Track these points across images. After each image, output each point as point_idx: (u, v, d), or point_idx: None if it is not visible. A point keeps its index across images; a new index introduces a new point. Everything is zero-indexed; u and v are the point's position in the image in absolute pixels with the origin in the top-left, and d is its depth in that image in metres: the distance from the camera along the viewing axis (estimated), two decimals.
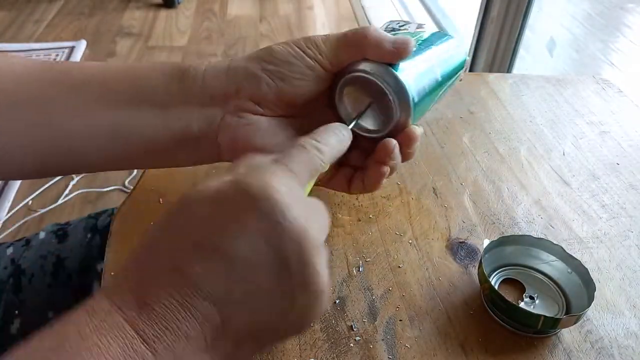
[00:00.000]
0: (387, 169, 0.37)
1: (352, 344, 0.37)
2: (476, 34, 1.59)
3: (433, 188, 0.53)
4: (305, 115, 0.39)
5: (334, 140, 0.33)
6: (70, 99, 0.37)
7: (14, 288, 0.50)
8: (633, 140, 0.61)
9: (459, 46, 0.44)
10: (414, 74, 0.38)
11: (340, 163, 0.39)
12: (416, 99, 0.37)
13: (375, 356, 0.37)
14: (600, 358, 0.37)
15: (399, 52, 0.36)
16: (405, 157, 0.38)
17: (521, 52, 1.55)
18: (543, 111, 0.66)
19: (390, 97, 0.36)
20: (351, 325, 0.39)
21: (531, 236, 0.43)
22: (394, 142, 0.36)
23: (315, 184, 0.35)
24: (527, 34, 1.52)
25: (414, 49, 0.37)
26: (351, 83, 0.37)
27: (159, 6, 2.68)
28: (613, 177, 0.55)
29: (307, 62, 0.36)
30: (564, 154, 0.59)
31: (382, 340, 0.38)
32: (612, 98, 0.70)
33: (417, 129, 0.38)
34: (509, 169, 0.56)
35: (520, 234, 0.47)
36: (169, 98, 0.37)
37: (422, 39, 0.42)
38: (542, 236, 0.47)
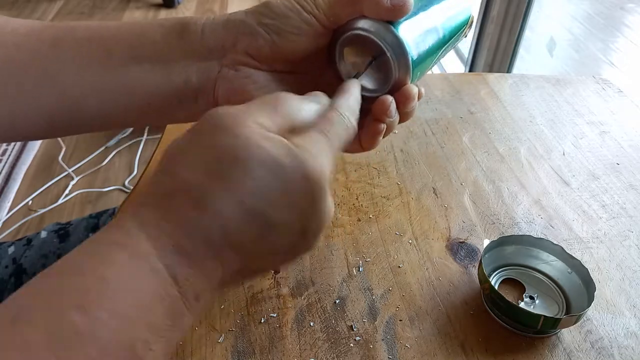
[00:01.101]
0: (383, 127, 0.37)
1: (352, 344, 0.37)
2: (476, 34, 1.59)
3: (433, 188, 0.53)
4: (303, 71, 0.40)
5: (354, 102, 0.34)
6: (73, 58, 0.38)
7: (15, 287, 0.50)
8: (633, 140, 0.62)
9: (464, 1, 0.44)
10: (414, 31, 0.38)
11: None
12: (415, 58, 0.37)
13: (375, 356, 0.37)
14: (601, 358, 0.37)
15: (396, 10, 0.36)
16: (403, 117, 0.38)
17: (521, 52, 1.55)
18: (543, 111, 0.66)
19: (389, 56, 0.36)
20: (351, 325, 0.39)
21: (531, 236, 0.43)
22: (390, 99, 0.37)
23: None
24: (527, 34, 1.52)
25: (412, 6, 0.37)
26: (350, 41, 0.38)
27: (158, 6, 2.68)
28: (613, 177, 0.55)
29: (304, 17, 0.37)
30: (564, 154, 0.59)
31: (382, 340, 0.38)
32: (612, 98, 0.70)
33: (414, 88, 0.38)
34: (509, 169, 0.56)
35: (520, 234, 0.47)
36: (170, 52, 0.38)
37: None
38: (542, 236, 0.47)
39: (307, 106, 0.33)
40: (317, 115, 0.33)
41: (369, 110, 0.38)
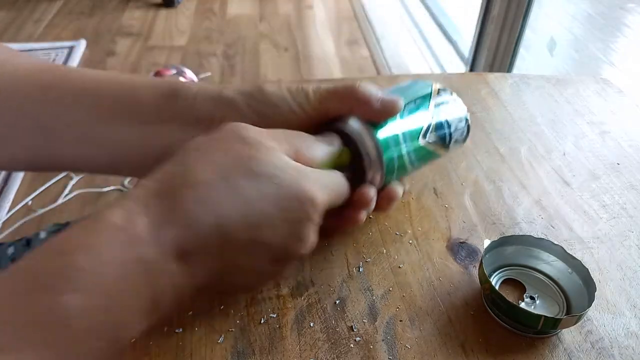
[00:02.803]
0: (363, 216, 0.39)
1: (352, 345, 0.37)
2: (476, 34, 1.59)
3: (433, 188, 0.53)
4: None
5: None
6: (64, 107, 0.38)
7: None
8: (633, 140, 0.61)
9: (461, 111, 0.45)
10: (396, 137, 0.39)
11: None
12: (391, 165, 0.39)
13: (376, 357, 0.37)
14: (601, 358, 0.37)
15: (385, 112, 0.38)
16: (379, 208, 0.41)
17: (521, 51, 1.55)
18: (543, 111, 0.66)
19: (365, 162, 0.38)
20: (351, 326, 0.39)
21: (532, 236, 0.43)
22: (372, 192, 0.39)
23: None
24: (528, 34, 1.52)
25: (402, 108, 0.39)
26: (334, 132, 0.39)
27: (158, 6, 2.68)
28: (613, 177, 0.55)
29: (293, 108, 0.38)
30: (564, 154, 0.59)
31: (383, 340, 0.38)
32: (612, 98, 0.70)
33: (397, 190, 0.41)
34: (509, 169, 0.56)
35: (520, 234, 0.47)
36: (158, 115, 0.38)
37: (421, 96, 0.42)
38: (542, 236, 0.47)
39: (321, 146, 0.36)
40: (324, 154, 0.36)
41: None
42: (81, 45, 2.19)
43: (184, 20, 2.55)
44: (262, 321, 0.39)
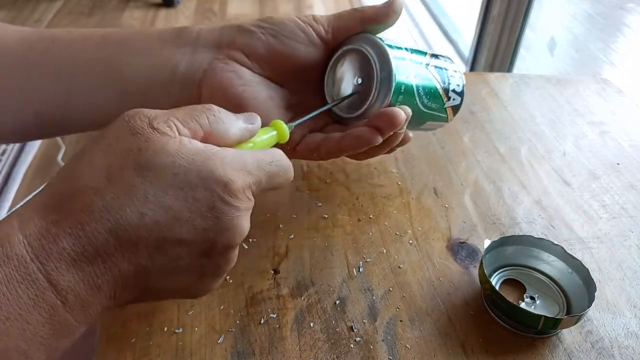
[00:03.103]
0: (378, 138, 0.38)
1: (352, 345, 0.37)
2: (477, 34, 1.59)
3: (433, 188, 0.53)
4: (291, 88, 0.41)
5: (276, 166, 0.32)
6: (68, 51, 0.39)
7: None
8: (633, 140, 0.61)
9: (455, 69, 0.45)
10: (407, 65, 0.40)
11: (312, 129, 0.41)
12: (400, 82, 0.39)
13: (376, 357, 0.37)
14: (601, 358, 0.37)
15: (389, 7, 0.39)
16: (378, 130, 0.38)
17: (522, 51, 1.55)
18: (543, 111, 0.66)
19: (374, 67, 0.38)
20: (351, 326, 0.39)
21: (532, 236, 0.43)
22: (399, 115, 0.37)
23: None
24: (528, 34, 1.52)
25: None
26: (343, 58, 0.40)
27: (158, 6, 2.68)
28: (613, 177, 0.55)
29: (301, 26, 0.39)
30: (564, 154, 0.59)
31: (383, 340, 0.38)
32: (612, 98, 0.70)
33: (399, 112, 0.38)
34: (509, 169, 0.56)
35: (520, 234, 0.47)
36: (162, 44, 0.39)
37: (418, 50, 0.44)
38: (542, 236, 0.47)
39: (235, 122, 0.31)
40: (242, 133, 0.31)
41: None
42: None
43: (184, 20, 2.55)
44: (262, 321, 0.39)
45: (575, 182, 0.54)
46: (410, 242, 0.46)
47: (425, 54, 0.43)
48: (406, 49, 0.41)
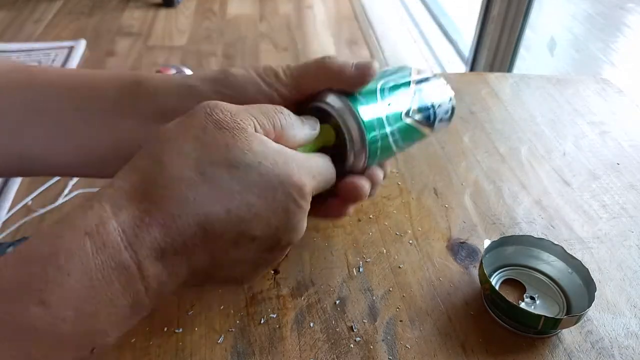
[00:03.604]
0: (351, 209, 0.38)
1: (352, 345, 0.37)
2: (477, 34, 1.59)
3: (433, 188, 0.53)
4: None
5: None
6: (29, 105, 0.36)
7: None
8: (633, 140, 0.61)
9: (444, 91, 0.43)
10: (379, 118, 0.36)
11: None
12: (374, 144, 0.36)
13: (376, 357, 0.37)
14: (601, 358, 0.37)
15: (361, 76, 0.35)
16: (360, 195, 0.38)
17: (522, 51, 1.55)
18: (544, 111, 0.66)
19: (347, 137, 0.35)
20: (351, 326, 0.39)
21: (532, 236, 0.43)
22: (362, 181, 0.37)
23: None
24: (528, 34, 1.52)
25: (377, 74, 0.37)
26: (313, 113, 0.36)
27: (158, 6, 2.68)
28: (613, 177, 0.55)
29: (263, 89, 0.35)
30: (564, 154, 0.59)
31: (383, 340, 0.38)
32: (612, 98, 0.70)
33: (378, 173, 0.38)
34: (509, 169, 0.56)
35: (520, 234, 0.47)
36: (119, 109, 0.36)
37: (402, 76, 0.40)
38: (542, 236, 0.47)
39: (302, 128, 0.33)
40: (306, 138, 0.33)
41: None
42: (81, 45, 2.19)
43: (184, 20, 2.55)
44: (262, 321, 0.39)
45: (575, 182, 0.54)
46: (410, 242, 0.46)
47: (408, 84, 0.40)
48: (382, 90, 0.38)
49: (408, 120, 0.39)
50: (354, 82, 0.36)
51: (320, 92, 0.36)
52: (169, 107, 0.36)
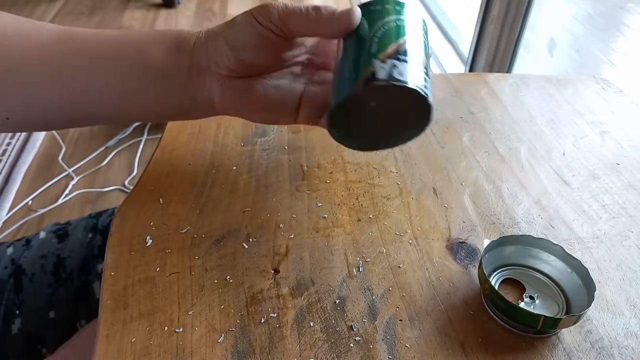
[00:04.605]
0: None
1: (352, 344, 0.37)
2: (476, 34, 1.59)
3: (433, 188, 0.53)
4: (272, 69, 0.44)
5: None
6: (87, 72, 0.42)
7: (14, 288, 0.50)
8: (633, 140, 0.62)
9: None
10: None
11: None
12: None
13: (375, 356, 0.37)
14: (601, 358, 0.37)
15: (344, 22, 0.39)
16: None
17: (521, 52, 1.54)
18: (543, 111, 0.66)
19: None
20: (351, 326, 0.39)
21: (531, 236, 0.43)
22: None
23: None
24: (528, 34, 1.52)
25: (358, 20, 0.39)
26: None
27: (158, 6, 2.68)
28: (613, 177, 0.55)
29: (259, 30, 0.40)
30: (564, 154, 0.59)
31: (382, 340, 0.38)
32: (612, 98, 0.70)
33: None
34: (509, 169, 0.56)
35: (520, 234, 0.47)
36: (171, 71, 0.42)
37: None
38: (542, 236, 0.47)
39: None
40: None
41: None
42: None
43: (184, 21, 2.55)
44: (262, 321, 0.39)
45: (574, 182, 0.54)
46: (410, 241, 0.46)
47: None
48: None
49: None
50: (338, 31, 0.40)
51: None
52: (204, 61, 0.42)
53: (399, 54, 0.37)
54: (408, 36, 0.39)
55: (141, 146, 1.68)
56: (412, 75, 0.36)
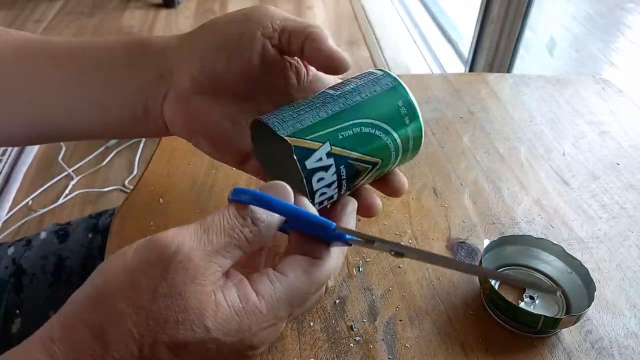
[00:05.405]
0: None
1: (352, 344, 0.37)
2: (476, 34, 1.59)
3: (433, 188, 0.53)
4: (245, 98, 0.38)
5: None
6: (48, 77, 0.38)
7: (15, 288, 0.50)
8: (633, 140, 0.62)
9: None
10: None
11: None
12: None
13: (375, 356, 0.37)
14: (601, 358, 0.37)
15: (335, 67, 0.34)
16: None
17: (521, 52, 1.55)
18: (543, 111, 0.66)
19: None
20: (351, 325, 0.39)
21: (531, 236, 0.43)
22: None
23: None
24: (527, 34, 1.52)
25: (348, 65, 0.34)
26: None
27: (158, 6, 2.68)
28: (613, 177, 0.55)
29: (257, 36, 0.35)
30: (564, 154, 0.59)
31: (382, 340, 0.38)
32: (612, 98, 0.70)
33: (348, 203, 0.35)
34: (509, 169, 0.56)
35: (520, 234, 0.47)
36: (129, 73, 0.37)
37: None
38: (542, 236, 0.47)
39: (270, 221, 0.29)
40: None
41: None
42: None
43: (184, 21, 2.55)
44: None
45: (574, 182, 0.54)
46: (410, 241, 0.46)
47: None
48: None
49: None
50: (328, 67, 0.34)
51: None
52: (169, 64, 0.36)
53: (344, 181, 0.33)
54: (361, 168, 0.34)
55: (141, 146, 1.68)
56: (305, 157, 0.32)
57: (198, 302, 0.25)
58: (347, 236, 0.29)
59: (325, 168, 0.33)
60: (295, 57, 0.37)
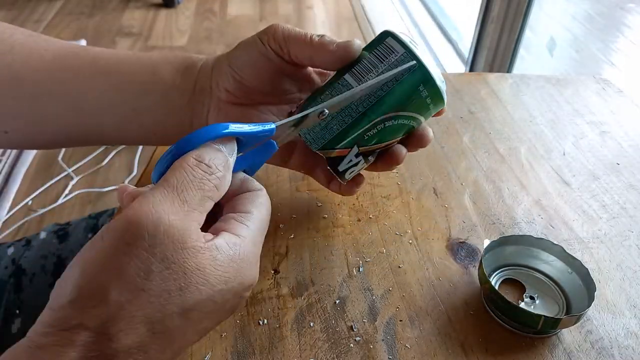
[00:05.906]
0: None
1: (352, 344, 0.37)
2: (476, 34, 1.59)
3: (433, 188, 0.53)
4: (269, 101, 0.43)
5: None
6: (91, 87, 0.42)
7: (14, 288, 0.50)
8: (633, 140, 0.61)
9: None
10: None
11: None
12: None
13: (375, 356, 0.37)
14: (601, 358, 0.37)
15: (340, 52, 0.38)
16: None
17: (521, 52, 1.55)
18: (543, 111, 0.66)
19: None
20: (351, 326, 0.39)
21: (531, 236, 0.43)
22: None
23: (285, 164, 0.44)
24: (528, 34, 1.52)
25: (357, 51, 0.38)
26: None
27: (158, 6, 2.68)
28: (613, 177, 0.55)
29: (261, 49, 0.40)
30: (564, 154, 0.59)
31: (382, 340, 0.38)
32: (612, 98, 0.70)
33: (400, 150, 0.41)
34: (509, 169, 0.56)
35: (520, 234, 0.47)
36: (176, 93, 0.42)
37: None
38: (542, 236, 0.47)
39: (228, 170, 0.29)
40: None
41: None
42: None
43: (184, 21, 2.55)
44: (262, 321, 0.39)
45: (575, 182, 0.54)
46: (410, 241, 0.46)
47: None
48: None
49: None
50: (334, 59, 0.39)
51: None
52: (206, 84, 0.41)
53: (370, 156, 0.40)
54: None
55: (141, 146, 1.68)
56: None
57: (195, 264, 0.25)
58: (274, 125, 0.31)
59: (356, 163, 0.40)
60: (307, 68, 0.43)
